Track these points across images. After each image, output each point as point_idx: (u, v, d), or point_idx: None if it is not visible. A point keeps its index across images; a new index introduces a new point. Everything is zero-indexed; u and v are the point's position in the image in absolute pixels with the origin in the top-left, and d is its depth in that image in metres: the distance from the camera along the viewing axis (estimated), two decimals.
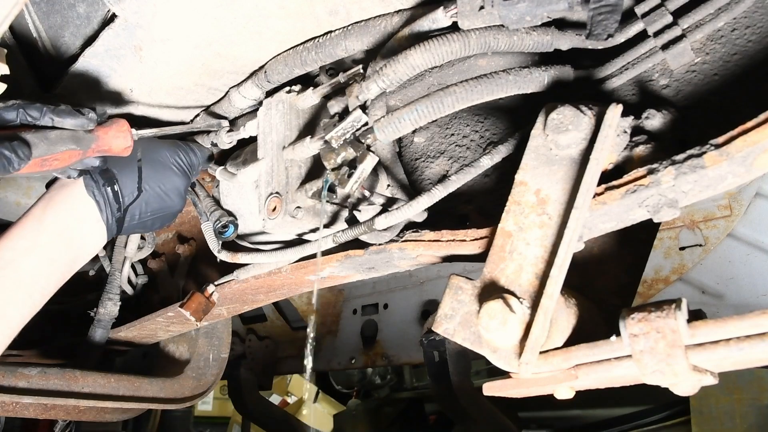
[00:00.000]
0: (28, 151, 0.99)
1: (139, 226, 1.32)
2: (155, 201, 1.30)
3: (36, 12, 1.28)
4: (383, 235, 1.18)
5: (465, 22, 1.02)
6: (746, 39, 0.97)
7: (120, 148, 1.15)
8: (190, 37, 1.19)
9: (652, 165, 0.84)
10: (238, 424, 5.63)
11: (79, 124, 1.07)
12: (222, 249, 1.46)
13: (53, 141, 1.04)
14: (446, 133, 1.31)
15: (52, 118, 1.04)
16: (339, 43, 1.18)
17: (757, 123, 0.75)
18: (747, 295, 2.13)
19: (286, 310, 3.25)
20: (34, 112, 1.03)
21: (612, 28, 0.96)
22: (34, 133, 1.03)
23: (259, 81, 1.32)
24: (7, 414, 1.70)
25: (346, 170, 1.12)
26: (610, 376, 0.79)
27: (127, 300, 1.91)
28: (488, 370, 4.06)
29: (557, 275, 0.84)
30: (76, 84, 1.32)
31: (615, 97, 1.09)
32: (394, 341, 2.87)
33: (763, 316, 0.67)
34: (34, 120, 1.03)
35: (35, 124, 1.04)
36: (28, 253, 1.12)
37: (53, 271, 1.16)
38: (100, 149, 1.13)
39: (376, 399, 4.87)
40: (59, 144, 1.04)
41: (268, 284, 1.49)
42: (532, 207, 0.93)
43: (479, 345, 0.89)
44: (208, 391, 2.08)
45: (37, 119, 1.03)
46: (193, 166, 1.39)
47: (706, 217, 2.23)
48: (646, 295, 2.29)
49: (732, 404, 2.59)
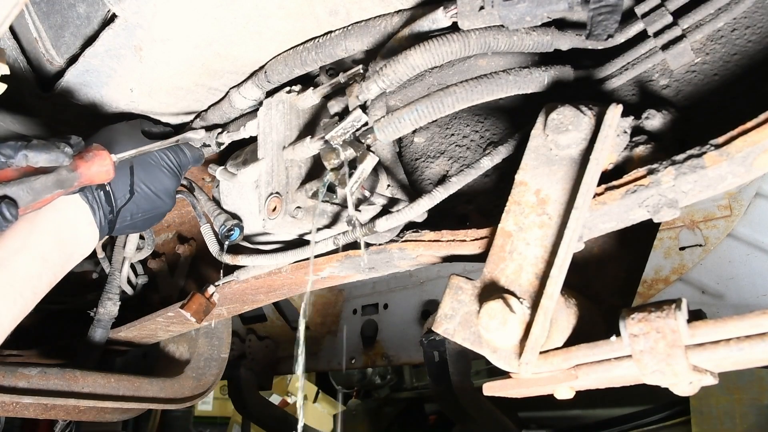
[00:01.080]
0: (15, 210, 0.98)
1: (130, 226, 1.34)
2: (146, 202, 1.31)
3: (36, 12, 1.28)
4: (383, 235, 1.18)
5: (465, 23, 1.02)
6: (746, 39, 0.97)
7: (103, 179, 1.14)
8: (190, 37, 1.19)
9: (652, 165, 0.84)
10: (238, 424, 5.64)
11: (53, 159, 1.04)
12: (221, 250, 1.46)
13: (38, 190, 1.02)
14: (446, 133, 1.31)
15: (26, 155, 1.01)
16: (339, 43, 1.18)
17: (757, 123, 0.75)
18: (747, 295, 2.13)
19: (286, 310, 3.25)
20: (8, 150, 1.00)
21: (612, 28, 0.96)
22: (19, 185, 1.00)
23: (259, 81, 1.32)
24: (7, 414, 1.70)
25: (346, 170, 1.12)
26: (610, 376, 0.79)
27: (127, 300, 1.91)
28: (488, 370, 4.06)
29: (557, 275, 0.84)
30: (76, 84, 1.32)
31: (615, 97, 1.09)
32: (394, 341, 2.87)
33: (763, 316, 0.67)
34: (8, 158, 1.00)
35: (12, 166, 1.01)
36: (20, 252, 1.12)
37: (45, 270, 1.16)
38: (83, 184, 1.11)
39: (376, 399, 4.87)
40: (44, 192, 1.03)
41: (268, 284, 1.49)
42: (532, 207, 0.93)
43: (479, 345, 0.89)
44: (208, 391, 2.08)
45: (11, 157, 1.00)
46: (183, 166, 1.39)
47: (706, 217, 2.23)
48: (646, 295, 2.29)
49: (732, 404, 2.59)
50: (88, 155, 1.11)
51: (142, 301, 1.97)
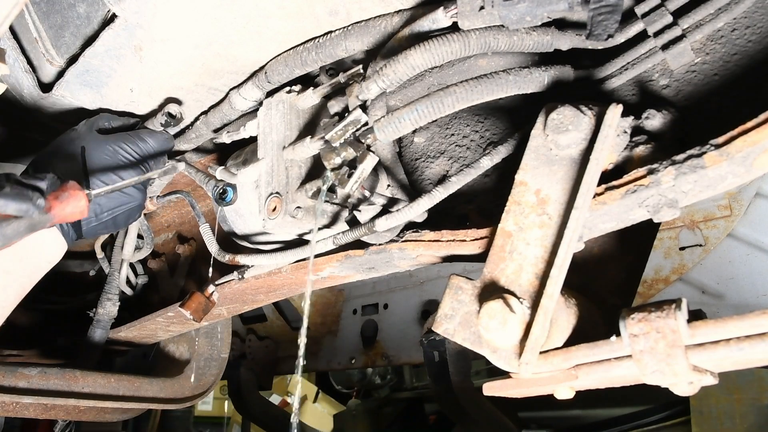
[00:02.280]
0: None
1: (102, 226, 1.31)
2: (108, 200, 1.28)
3: (36, 12, 1.28)
4: (383, 235, 1.18)
5: (465, 23, 1.02)
6: (746, 39, 0.97)
7: (77, 217, 1.10)
8: (190, 37, 1.19)
9: (652, 165, 0.84)
10: (238, 424, 5.64)
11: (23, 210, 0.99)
12: (221, 250, 1.46)
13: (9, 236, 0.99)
14: (446, 133, 1.31)
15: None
16: (339, 43, 1.18)
17: (757, 123, 0.75)
18: (747, 295, 2.13)
19: (286, 310, 3.25)
20: None
21: (612, 28, 0.96)
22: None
23: (259, 81, 1.32)
24: (7, 414, 1.70)
25: (346, 170, 1.12)
26: (610, 376, 0.79)
27: (127, 300, 1.91)
28: (488, 370, 4.06)
29: (557, 275, 0.84)
30: (76, 84, 1.32)
31: (615, 97, 1.09)
32: (394, 341, 2.87)
33: (763, 316, 0.67)
34: None
35: None
36: None
37: (10, 283, 1.14)
38: (56, 224, 1.09)
39: (376, 399, 4.87)
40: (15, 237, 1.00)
41: (268, 284, 1.49)
42: (532, 207, 0.93)
43: (479, 345, 0.89)
44: (208, 391, 2.08)
45: None
46: (146, 154, 1.35)
47: (706, 217, 2.23)
48: (646, 295, 2.29)
49: (732, 404, 2.59)
50: (63, 195, 1.06)
51: (142, 301, 1.97)
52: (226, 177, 1.40)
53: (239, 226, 1.42)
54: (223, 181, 1.39)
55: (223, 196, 1.37)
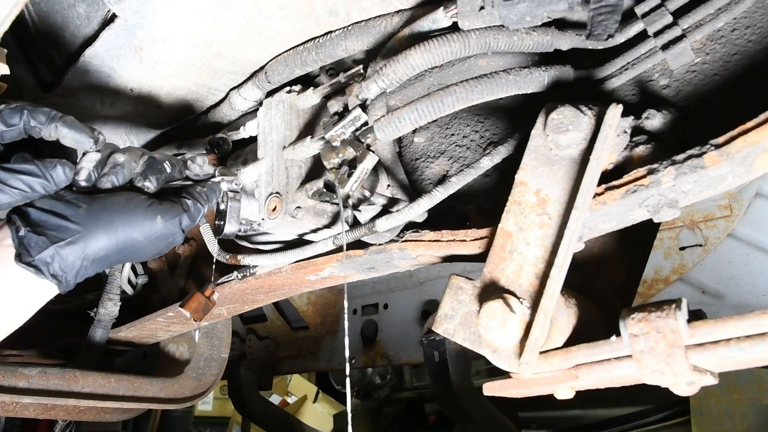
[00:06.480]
0: None
1: None
2: None
3: (36, 12, 1.28)
4: (383, 235, 1.18)
5: (465, 23, 1.02)
6: (746, 39, 0.97)
7: None
8: (190, 38, 1.19)
9: (652, 165, 0.84)
10: (238, 424, 5.64)
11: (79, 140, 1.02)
12: (221, 250, 1.46)
13: None
14: (446, 133, 1.31)
15: (57, 127, 1.01)
16: (339, 43, 1.18)
17: (757, 123, 0.75)
18: (747, 295, 2.13)
19: (286, 310, 3.25)
20: (41, 116, 1.00)
21: (612, 28, 0.96)
22: None
23: (259, 82, 1.32)
24: (7, 414, 1.71)
25: (346, 170, 1.12)
26: (610, 376, 0.79)
27: (127, 300, 1.91)
28: (488, 370, 4.07)
29: (557, 275, 0.84)
30: (76, 84, 1.32)
31: (615, 97, 1.09)
32: (394, 341, 2.87)
33: (763, 316, 0.67)
34: (39, 124, 1.00)
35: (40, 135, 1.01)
36: None
37: None
38: None
39: (376, 399, 4.88)
40: None
41: (268, 284, 1.49)
42: (533, 207, 0.93)
43: (479, 345, 0.89)
44: (208, 391, 2.08)
45: (42, 124, 1.00)
46: None
47: (706, 217, 2.23)
48: (646, 295, 2.29)
49: (732, 404, 2.59)
50: None
51: (142, 301, 1.97)
52: (227, 177, 1.39)
53: None
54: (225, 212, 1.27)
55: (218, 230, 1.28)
